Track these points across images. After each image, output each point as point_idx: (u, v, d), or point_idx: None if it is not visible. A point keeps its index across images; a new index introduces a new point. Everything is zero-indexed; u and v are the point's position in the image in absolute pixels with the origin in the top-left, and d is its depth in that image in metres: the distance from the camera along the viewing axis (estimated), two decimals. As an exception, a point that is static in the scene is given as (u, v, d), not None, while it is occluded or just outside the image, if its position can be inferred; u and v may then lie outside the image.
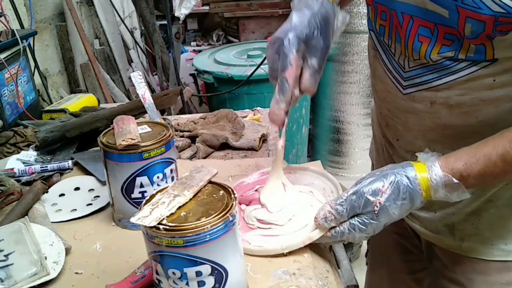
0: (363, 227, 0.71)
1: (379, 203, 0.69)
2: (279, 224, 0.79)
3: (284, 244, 0.74)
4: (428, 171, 0.70)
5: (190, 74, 3.31)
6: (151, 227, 0.56)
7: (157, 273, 0.59)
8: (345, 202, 0.71)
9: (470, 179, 0.68)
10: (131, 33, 3.19)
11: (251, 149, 1.17)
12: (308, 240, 0.73)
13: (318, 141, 3.08)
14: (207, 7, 3.57)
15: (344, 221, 0.72)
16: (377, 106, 0.97)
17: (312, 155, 3.15)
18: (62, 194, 0.98)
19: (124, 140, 0.79)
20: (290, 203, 0.82)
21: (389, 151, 0.97)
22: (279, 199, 0.83)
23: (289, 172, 0.92)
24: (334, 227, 0.72)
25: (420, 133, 0.84)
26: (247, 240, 0.76)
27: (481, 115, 0.76)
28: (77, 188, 1.00)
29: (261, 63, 2.36)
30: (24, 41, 1.46)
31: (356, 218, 0.71)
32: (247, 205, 0.86)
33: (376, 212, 0.70)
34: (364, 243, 2.24)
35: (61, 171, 1.06)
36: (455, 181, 0.68)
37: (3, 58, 1.32)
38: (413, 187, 0.69)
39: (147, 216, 0.57)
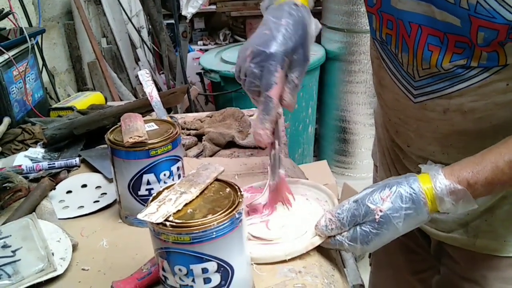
0: (365, 237, 0.68)
1: (380, 211, 0.67)
2: (278, 242, 0.76)
3: (287, 250, 0.72)
4: (432, 180, 0.68)
5: (197, 73, 3.32)
6: (157, 224, 0.56)
7: (163, 269, 0.60)
8: (346, 210, 0.70)
9: (478, 187, 0.66)
10: (138, 32, 3.20)
11: (258, 147, 1.17)
12: (311, 246, 0.73)
13: (324, 141, 3.08)
14: (214, 6, 3.58)
15: (345, 230, 0.70)
16: (385, 114, 0.96)
17: (318, 155, 3.14)
18: (70, 191, 0.99)
19: (131, 138, 0.79)
20: (291, 216, 0.80)
21: (398, 154, 0.96)
22: (280, 216, 0.80)
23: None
24: (334, 236, 0.71)
25: (433, 139, 0.83)
26: None
27: (495, 119, 0.75)
28: (84, 185, 1.01)
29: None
30: (32, 39, 1.47)
31: (357, 228, 0.69)
32: None
33: (377, 221, 0.67)
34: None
35: (69, 168, 1.06)
36: (460, 187, 0.66)
37: (12, 56, 1.32)
38: (416, 196, 0.67)
39: (154, 212, 0.57)
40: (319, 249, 0.76)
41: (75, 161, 1.06)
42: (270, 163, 0.81)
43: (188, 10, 2.65)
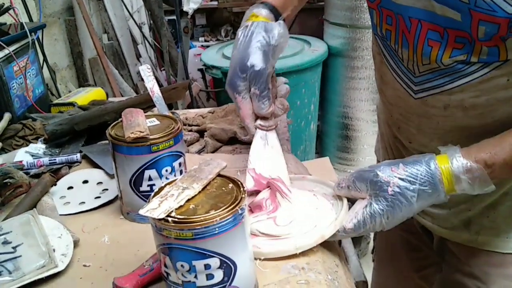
0: (379, 214, 0.69)
1: (393, 183, 0.68)
2: (287, 237, 0.75)
3: (297, 244, 0.72)
4: (449, 159, 0.68)
5: (198, 69, 3.31)
6: (159, 220, 0.55)
7: (165, 266, 0.59)
8: (357, 171, 0.73)
9: (496, 168, 0.67)
10: (140, 28, 3.19)
11: (260, 143, 1.16)
12: (321, 239, 0.72)
13: (327, 138, 3.07)
14: (215, 2, 3.57)
15: (356, 190, 0.73)
16: (387, 110, 0.96)
17: (320, 152, 3.13)
18: (71, 187, 0.98)
19: (132, 133, 0.78)
20: (299, 211, 0.79)
21: (400, 150, 0.96)
22: (287, 211, 0.79)
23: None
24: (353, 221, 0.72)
25: (435, 135, 0.83)
26: (255, 245, 0.72)
27: (497, 115, 0.75)
28: (85, 181, 1.00)
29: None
30: (33, 34, 1.46)
31: (373, 204, 0.70)
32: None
33: (390, 193, 0.68)
34: (372, 240, 2.23)
35: (70, 164, 1.05)
36: (476, 165, 0.66)
37: (12, 51, 1.32)
38: (432, 173, 0.68)
39: (156, 208, 0.57)
40: (323, 246, 0.75)
41: (76, 157, 1.06)
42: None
43: (189, 6, 2.64)
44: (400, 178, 0.69)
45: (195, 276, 0.57)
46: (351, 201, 0.77)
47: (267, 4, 0.88)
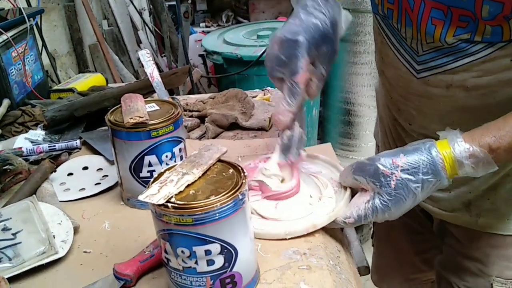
0: (385, 206, 0.68)
1: (396, 177, 0.67)
2: (280, 221, 0.75)
3: (287, 229, 0.72)
4: (450, 144, 0.67)
5: (199, 55, 3.28)
6: (159, 205, 0.55)
7: (165, 252, 0.58)
8: (356, 164, 0.73)
9: (501, 152, 0.65)
10: (140, 13, 3.16)
11: (261, 129, 1.15)
12: (312, 228, 0.72)
13: (329, 124, 3.05)
14: (216, -13, 3.53)
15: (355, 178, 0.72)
16: (387, 91, 0.95)
17: (322, 138, 3.12)
18: (71, 174, 0.97)
19: (132, 118, 0.77)
20: (300, 197, 0.79)
21: (400, 133, 0.95)
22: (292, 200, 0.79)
23: None
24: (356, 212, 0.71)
25: (436, 117, 0.82)
26: None
27: (498, 96, 0.74)
28: (85, 168, 0.99)
29: (271, 43, 2.32)
30: (31, 19, 1.44)
31: (375, 199, 0.68)
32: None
33: (393, 186, 0.67)
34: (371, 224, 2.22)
35: (69, 150, 1.05)
36: (479, 149, 0.65)
37: (10, 36, 1.30)
38: (434, 162, 0.66)
39: (155, 194, 0.56)
40: (325, 231, 0.74)
41: (76, 143, 1.05)
42: (280, 143, 0.80)
43: (190, -9, 2.61)
44: (402, 170, 0.67)
45: (196, 262, 0.57)
46: (353, 191, 0.76)
47: None
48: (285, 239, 0.72)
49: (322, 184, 0.81)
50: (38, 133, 1.12)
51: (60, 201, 0.86)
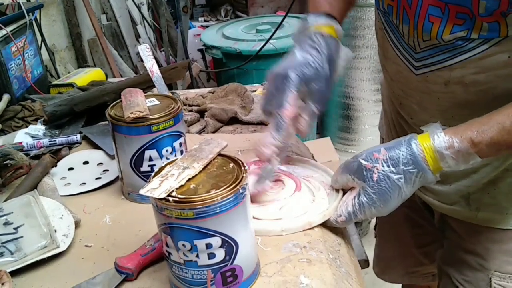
0: (370, 201, 0.69)
1: (377, 169, 0.68)
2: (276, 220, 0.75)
3: (283, 226, 0.73)
4: (430, 137, 0.68)
5: (198, 50, 3.27)
6: (160, 199, 0.55)
7: (167, 245, 0.59)
8: (343, 164, 0.74)
9: (483, 147, 0.66)
10: (138, 8, 3.15)
11: (261, 123, 1.16)
12: (308, 225, 0.73)
13: (328, 118, 3.05)
14: (215, -19, 3.52)
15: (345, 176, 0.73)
16: (389, 86, 0.96)
17: (321, 132, 3.12)
18: (71, 168, 0.98)
19: (132, 113, 0.77)
20: (292, 198, 0.79)
21: (403, 126, 0.96)
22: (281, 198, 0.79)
23: (287, 163, 0.88)
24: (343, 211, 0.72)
25: (436, 112, 0.83)
26: None
27: (497, 92, 0.74)
28: (86, 162, 1.00)
29: (270, 38, 2.32)
30: (31, 14, 1.44)
31: (361, 195, 0.70)
32: None
33: (375, 179, 0.68)
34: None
35: (70, 145, 1.05)
36: (458, 140, 0.65)
37: (10, 31, 1.30)
38: (414, 153, 0.67)
39: (157, 188, 0.56)
40: (324, 225, 0.75)
41: (76, 137, 1.05)
42: (261, 172, 0.79)
43: (188, -15, 2.60)
44: (383, 163, 0.68)
45: (197, 255, 0.57)
46: (346, 192, 0.77)
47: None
48: (299, 233, 0.73)
49: (314, 187, 0.82)
50: (38, 128, 1.12)
51: (61, 196, 0.87)
